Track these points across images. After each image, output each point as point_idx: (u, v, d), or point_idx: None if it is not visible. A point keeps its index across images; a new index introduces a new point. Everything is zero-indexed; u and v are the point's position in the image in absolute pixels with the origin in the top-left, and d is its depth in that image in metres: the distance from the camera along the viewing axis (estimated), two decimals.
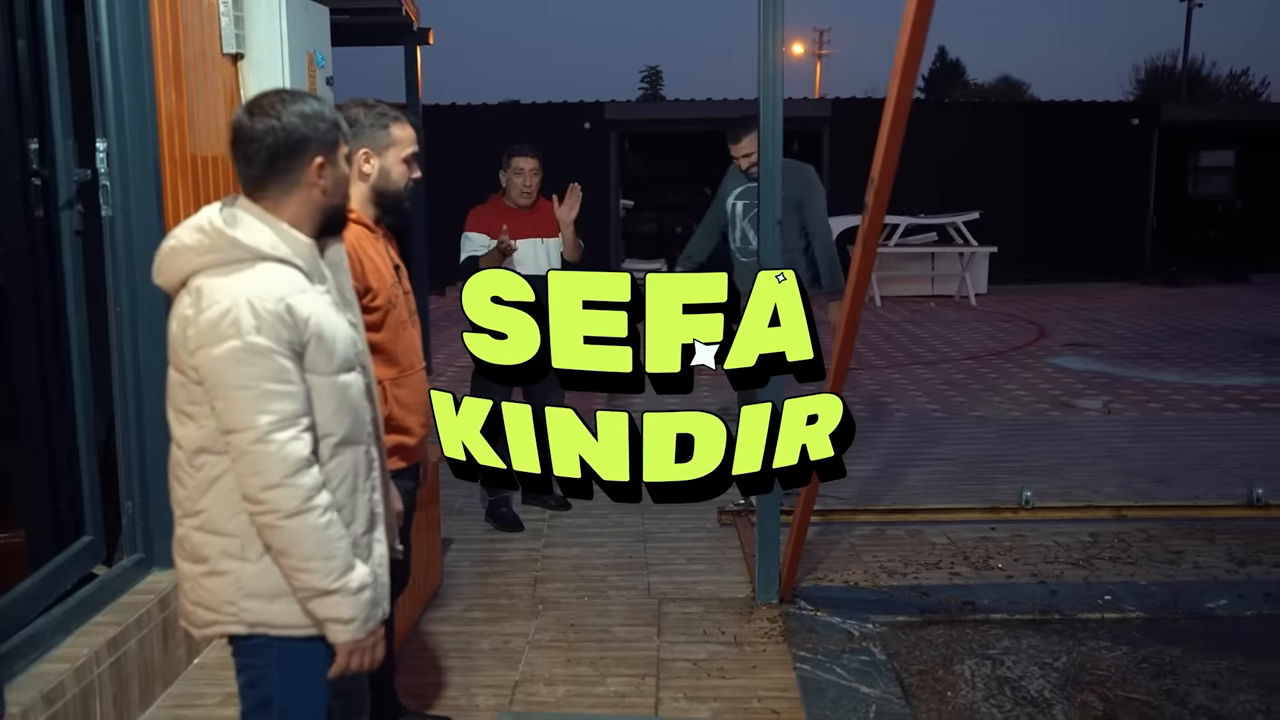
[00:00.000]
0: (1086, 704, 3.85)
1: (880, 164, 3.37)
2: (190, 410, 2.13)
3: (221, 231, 2.10)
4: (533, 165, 5.41)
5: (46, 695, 2.81)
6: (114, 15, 3.41)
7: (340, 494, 2.20)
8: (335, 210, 2.26)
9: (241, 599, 2.16)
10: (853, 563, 5.18)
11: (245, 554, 2.14)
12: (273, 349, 2.04)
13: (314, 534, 2.09)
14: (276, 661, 2.23)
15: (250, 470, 2.05)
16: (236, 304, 2.04)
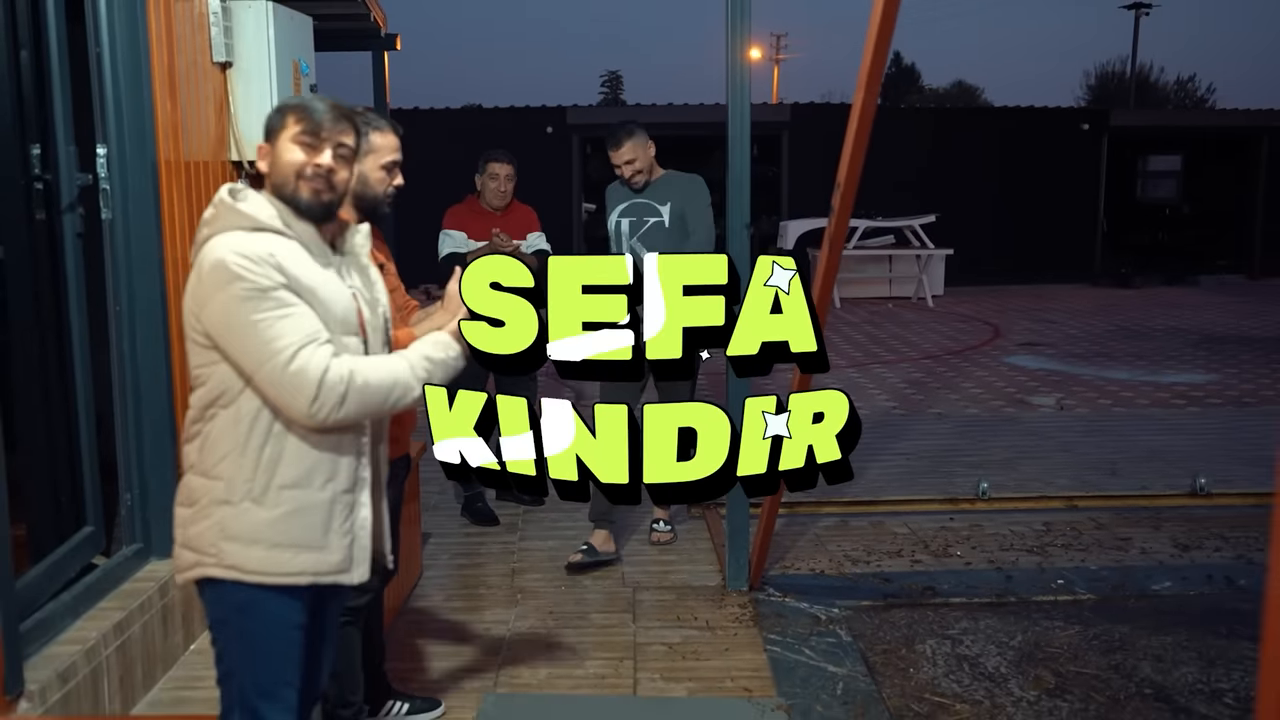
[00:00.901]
0: (1040, 678, 4.07)
1: (845, 169, 3.58)
2: (200, 373, 2.33)
3: (225, 202, 2.33)
4: (507, 171, 5.61)
5: (61, 674, 2.95)
6: (114, 27, 3.55)
7: (323, 449, 2.34)
8: (277, 191, 2.36)
9: (222, 541, 2.31)
10: (818, 552, 5.39)
11: (230, 497, 2.30)
12: (269, 286, 2.22)
13: (370, 393, 2.31)
14: (245, 605, 2.35)
15: (289, 398, 2.23)
16: (228, 254, 2.23)
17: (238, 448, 2.30)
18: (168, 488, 3.79)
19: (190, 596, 3.89)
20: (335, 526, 2.38)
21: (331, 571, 2.39)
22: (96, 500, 3.59)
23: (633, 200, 5.06)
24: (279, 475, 2.31)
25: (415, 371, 2.41)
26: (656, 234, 4.99)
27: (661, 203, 5.03)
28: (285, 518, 2.32)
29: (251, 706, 2.39)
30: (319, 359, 2.24)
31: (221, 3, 4.15)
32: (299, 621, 2.40)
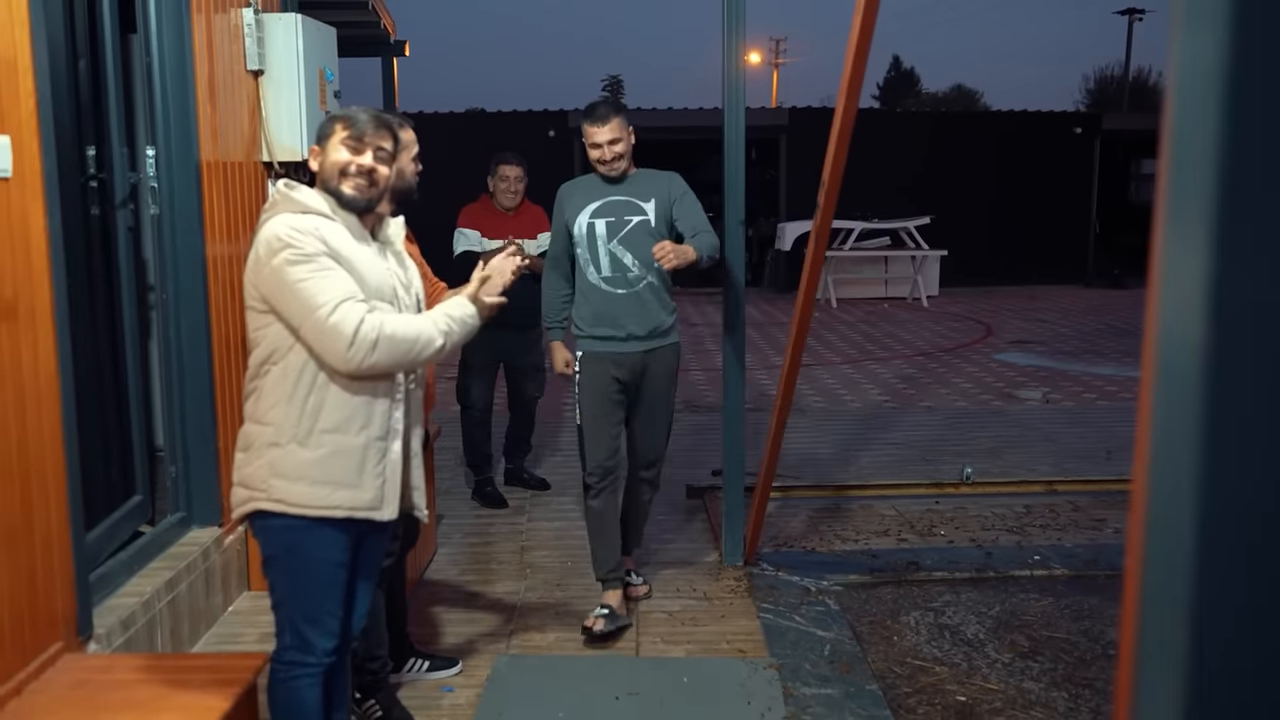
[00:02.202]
0: (1015, 642, 4.39)
1: (830, 167, 3.90)
2: (256, 335, 2.69)
3: (282, 192, 2.72)
4: (517, 172, 5.91)
5: (123, 622, 3.27)
6: (163, 38, 3.87)
7: (357, 399, 2.67)
8: (325, 186, 2.73)
9: (271, 478, 2.65)
10: (810, 532, 5.71)
11: (278, 439, 2.65)
12: (314, 252, 2.58)
13: (397, 343, 2.62)
14: (293, 545, 2.70)
15: (329, 345, 2.57)
16: (281, 227, 2.60)
17: (285, 397, 2.64)
18: (208, 462, 4.13)
19: (229, 560, 4.22)
20: (369, 468, 2.71)
21: (365, 508, 2.72)
22: (144, 473, 3.90)
23: (608, 198, 4.30)
24: (321, 421, 2.64)
25: (437, 325, 2.73)
26: (641, 235, 4.28)
27: (644, 199, 4.30)
28: (326, 458, 2.65)
29: (298, 629, 2.74)
30: (355, 312, 2.56)
31: (255, 15, 4.47)
32: (340, 559, 2.74)
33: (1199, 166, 0.76)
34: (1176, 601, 0.83)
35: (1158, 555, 0.86)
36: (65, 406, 3.02)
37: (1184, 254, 0.79)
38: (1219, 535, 0.80)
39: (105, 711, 2.68)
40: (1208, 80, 0.75)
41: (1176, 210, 0.81)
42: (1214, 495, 0.80)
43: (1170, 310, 0.81)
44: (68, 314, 3.09)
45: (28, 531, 2.84)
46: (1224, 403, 0.78)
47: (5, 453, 2.74)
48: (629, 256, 4.28)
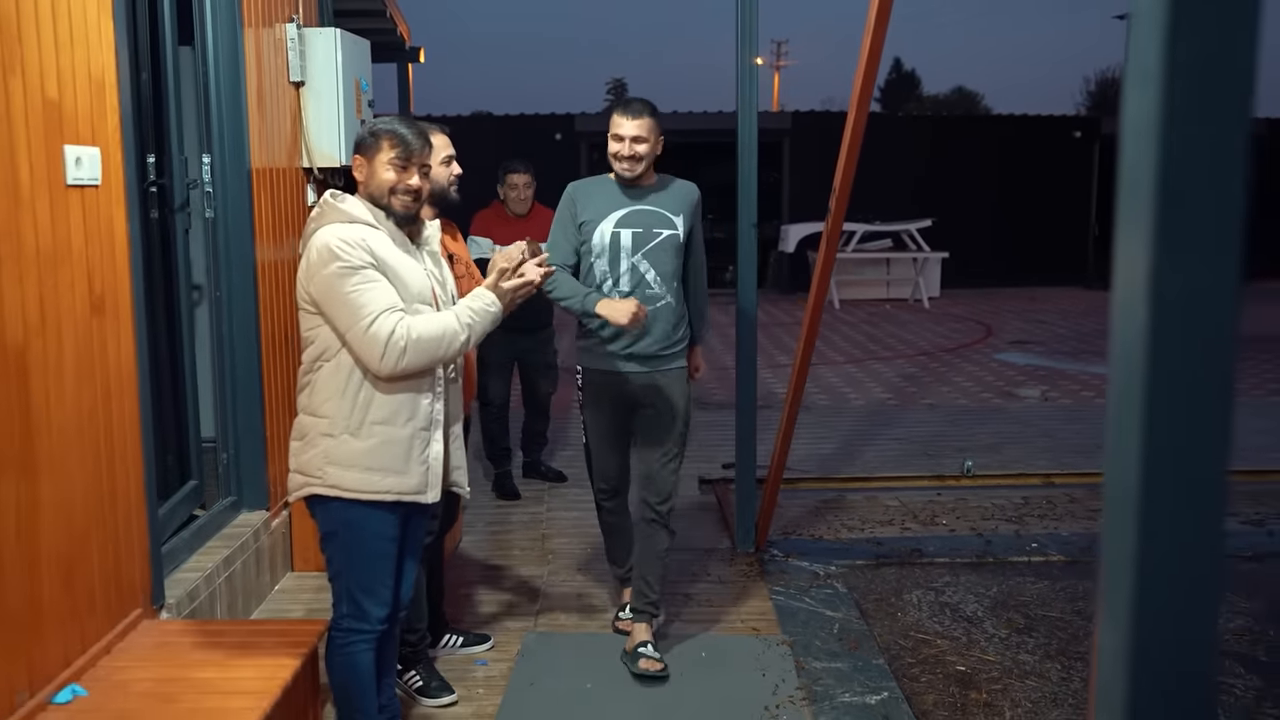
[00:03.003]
0: (1011, 620, 4.66)
1: (841, 173, 4.18)
2: (309, 335, 2.96)
3: (329, 203, 2.97)
4: (525, 180, 6.17)
5: (189, 594, 3.56)
6: (219, 52, 4.15)
7: (405, 392, 2.92)
8: (370, 198, 2.98)
9: (326, 465, 2.93)
10: (818, 521, 5.98)
11: (332, 431, 2.92)
12: (360, 265, 2.83)
13: (424, 343, 2.86)
14: (346, 522, 2.97)
15: (368, 352, 2.84)
16: (332, 239, 2.86)
17: (338, 392, 2.91)
18: (257, 450, 4.41)
19: (276, 542, 4.50)
20: (414, 456, 2.97)
21: (411, 492, 2.98)
22: (199, 460, 4.18)
23: (635, 206, 4.02)
24: (371, 414, 2.91)
25: (460, 319, 2.95)
26: (668, 252, 4.04)
27: (674, 212, 4.07)
28: (376, 448, 2.91)
29: (355, 599, 3.02)
30: (388, 324, 2.81)
31: (298, 29, 4.75)
32: (391, 534, 3.01)
33: (1143, 187, 1.05)
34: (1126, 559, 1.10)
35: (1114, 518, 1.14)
36: (142, 396, 3.30)
37: (1133, 253, 1.08)
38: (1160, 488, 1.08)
39: (189, 668, 2.96)
40: (1150, 124, 1.04)
41: (1128, 221, 1.09)
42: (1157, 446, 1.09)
43: (1124, 295, 1.10)
44: (145, 311, 3.37)
45: (113, 508, 3.12)
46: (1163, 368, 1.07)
47: (94, 437, 3.02)
48: (651, 272, 4.01)
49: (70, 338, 2.90)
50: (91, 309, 3.02)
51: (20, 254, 2.66)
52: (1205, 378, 1.08)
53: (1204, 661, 1.08)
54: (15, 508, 2.62)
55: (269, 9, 4.54)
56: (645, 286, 4.02)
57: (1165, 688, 1.09)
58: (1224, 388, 1.06)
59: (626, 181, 4.05)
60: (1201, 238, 1.06)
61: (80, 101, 2.96)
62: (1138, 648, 1.10)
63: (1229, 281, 1.04)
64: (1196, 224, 1.05)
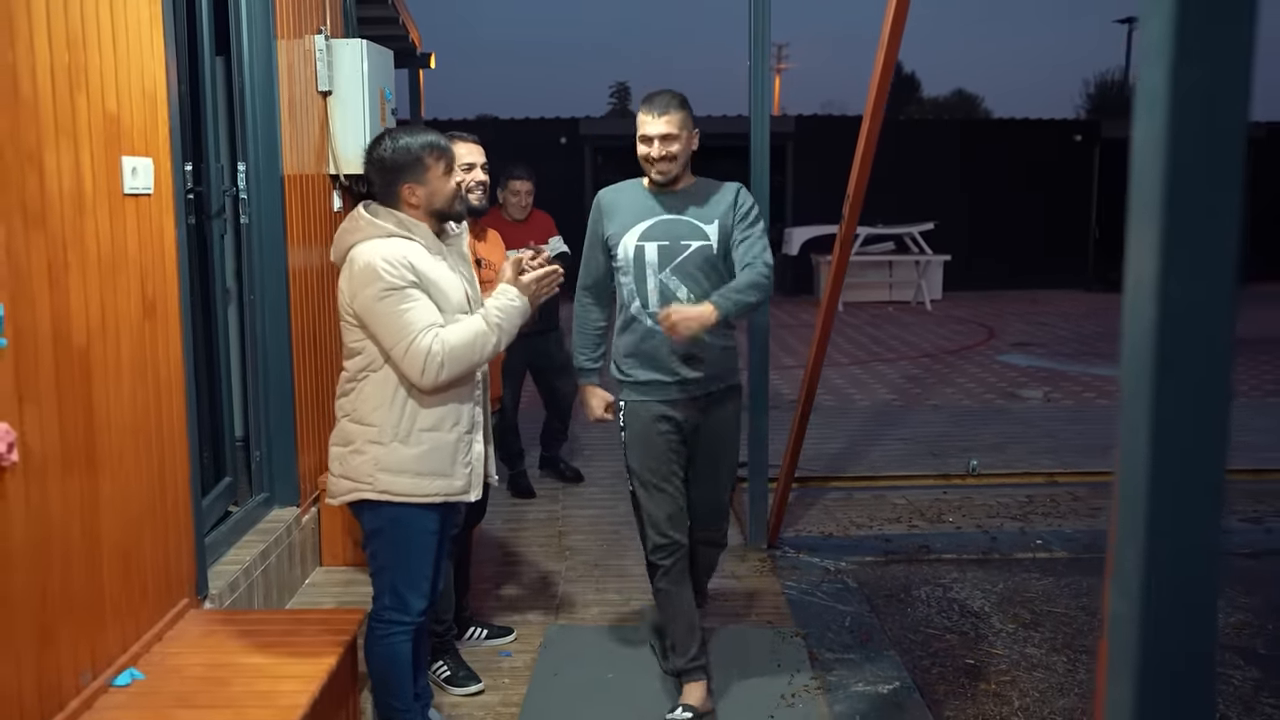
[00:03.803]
0: (1018, 615, 4.81)
1: (855, 179, 4.32)
2: (353, 346, 3.08)
3: (365, 217, 3.06)
4: (526, 186, 6.27)
5: (230, 585, 3.71)
6: (254, 63, 4.30)
7: (450, 401, 3.06)
8: (439, 212, 3.13)
9: (377, 472, 3.05)
10: (827, 519, 6.13)
11: (381, 439, 3.04)
12: (402, 285, 2.95)
13: (460, 351, 2.98)
14: (393, 519, 3.10)
15: (411, 369, 2.97)
16: (374, 259, 2.96)
17: (387, 401, 3.03)
18: (288, 448, 4.55)
19: (306, 538, 4.64)
20: (459, 459, 3.12)
21: (458, 493, 3.14)
22: (233, 457, 4.33)
23: (660, 216, 3.64)
24: (419, 421, 3.04)
25: (489, 320, 3.06)
26: (699, 264, 3.63)
27: (707, 220, 3.64)
28: (426, 454, 3.05)
29: (398, 592, 3.16)
30: (425, 341, 2.93)
31: (326, 40, 4.90)
32: (435, 529, 3.17)
33: (1151, 203, 1.20)
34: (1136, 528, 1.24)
35: (1125, 490, 1.29)
36: (189, 394, 3.45)
37: (1142, 262, 1.23)
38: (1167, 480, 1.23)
39: (237, 655, 3.11)
40: (1157, 148, 1.20)
41: (1138, 233, 1.25)
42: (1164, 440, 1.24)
43: (1135, 299, 1.25)
44: (190, 314, 3.52)
45: (163, 502, 3.27)
46: (1169, 366, 1.22)
47: (148, 434, 3.17)
48: (683, 289, 3.60)
49: (127, 339, 3.05)
50: (145, 312, 3.17)
51: (84, 261, 2.81)
52: (1207, 374, 1.23)
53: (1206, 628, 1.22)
54: (80, 502, 2.77)
55: (299, 20, 4.69)
56: (674, 304, 3.50)
57: (1169, 650, 1.22)
58: (1223, 383, 1.21)
59: (659, 186, 3.66)
60: (1203, 249, 1.21)
61: (135, 114, 3.11)
62: (1146, 615, 1.23)
63: (1228, 289, 1.19)
64: (1199, 236, 1.21)
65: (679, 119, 3.58)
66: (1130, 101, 1.53)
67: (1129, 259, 1.33)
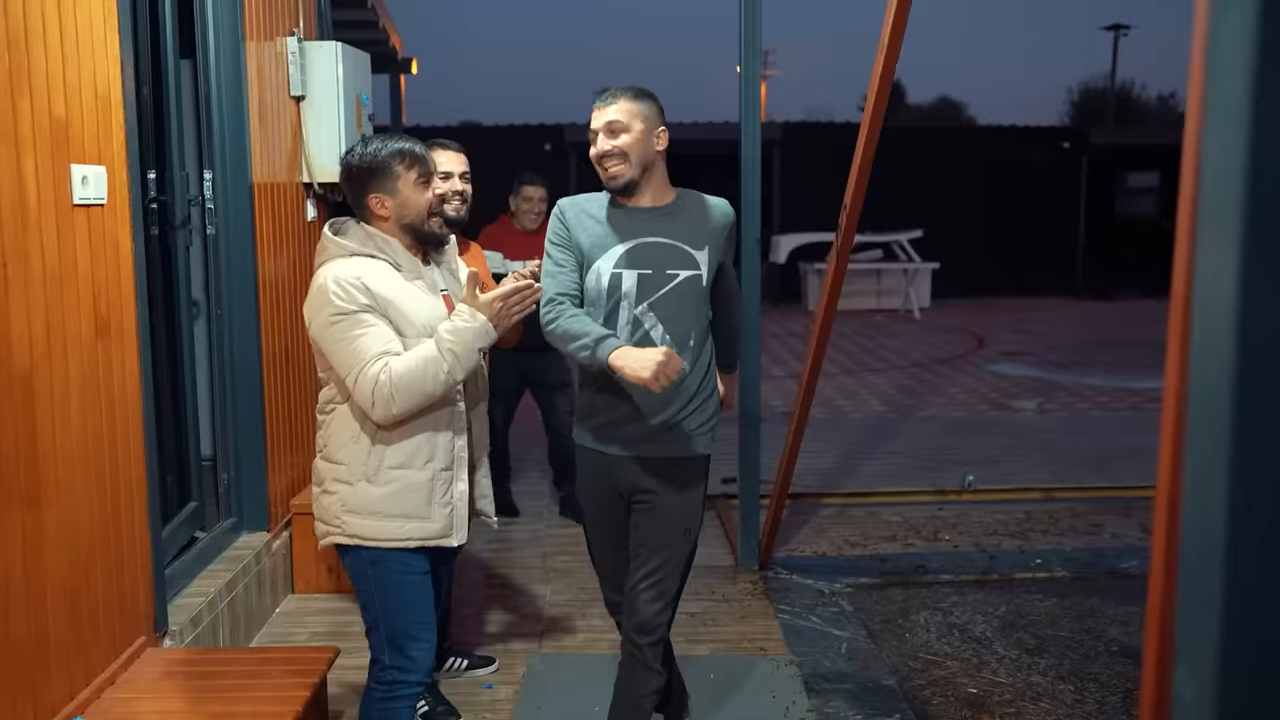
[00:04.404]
0: (1021, 640, 4.62)
1: (852, 188, 4.14)
2: (322, 376, 2.84)
3: (328, 236, 2.81)
4: (540, 194, 6.03)
5: (192, 620, 3.49)
6: (220, 66, 4.09)
7: (420, 433, 2.74)
8: (410, 227, 2.82)
9: (344, 514, 2.79)
10: (820, 538, 5.94)
11: (349, 478, 2.77)
12: (352, 309, 2.66)
13: (408, 380, 2.63)
14: (371, 566, 2.82)
15: (362, 401, 2.67)
16: (326, 281, 2.70)
17: (353, 437, 2.77)
18: (258, 470, 4.34)
19: (277, 564, 4.43)
20: (437, 499, 2.79)
21: (435, 537, 2.81)
22: (200, 480, 4.12)
23: (643, 239, 2.97)
24: (387, 458, 2.74)
25: (440, 344, 2.68)
26: (687, 301, 3.00)
27: (697, 245, 3.02)
28: (395, 494, 2.74)
29: (399, 645, 2.85)
30: (373, 371, 2.62)
31: (299, 43, 4.69)
32: (423, 570, 2.85)
33: (1227, 227, 1.00)
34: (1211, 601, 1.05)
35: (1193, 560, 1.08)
36: (146, 417, 3.24)
37: (1217, 293, 1.03)
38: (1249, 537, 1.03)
39: (196, 700, 2.89)
40: (1235, 163, 0.99)
41: (1210, 260, 1.05)
42: (1244, 499, 1.04)
43: (1204, 330, 1.05)
44: (148, 331, 3.30)
45: (117, 534, 3.05)
46: (1251, 408, 1.02)
47: (99, 462, 2.96)
48: (660, 328, 2.95)
49: (76, 361, 2.83)
50: (97, 331, 2.95)
51: (28, 277, 2.60)
52: None
53: None
54: (22, 539, 2.56)
55: (270, 22, 4.49)
56: (649, 345, 2.91)
57: None
58: None
59: (623, 197, 2.99)
60: None
61: (87, 119, 2.90)
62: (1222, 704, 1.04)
63: None
64: None
65: (632, 108, 2.96)
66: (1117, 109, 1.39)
67: (1197, 290, 1.11)
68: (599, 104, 3.02)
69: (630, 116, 2.97)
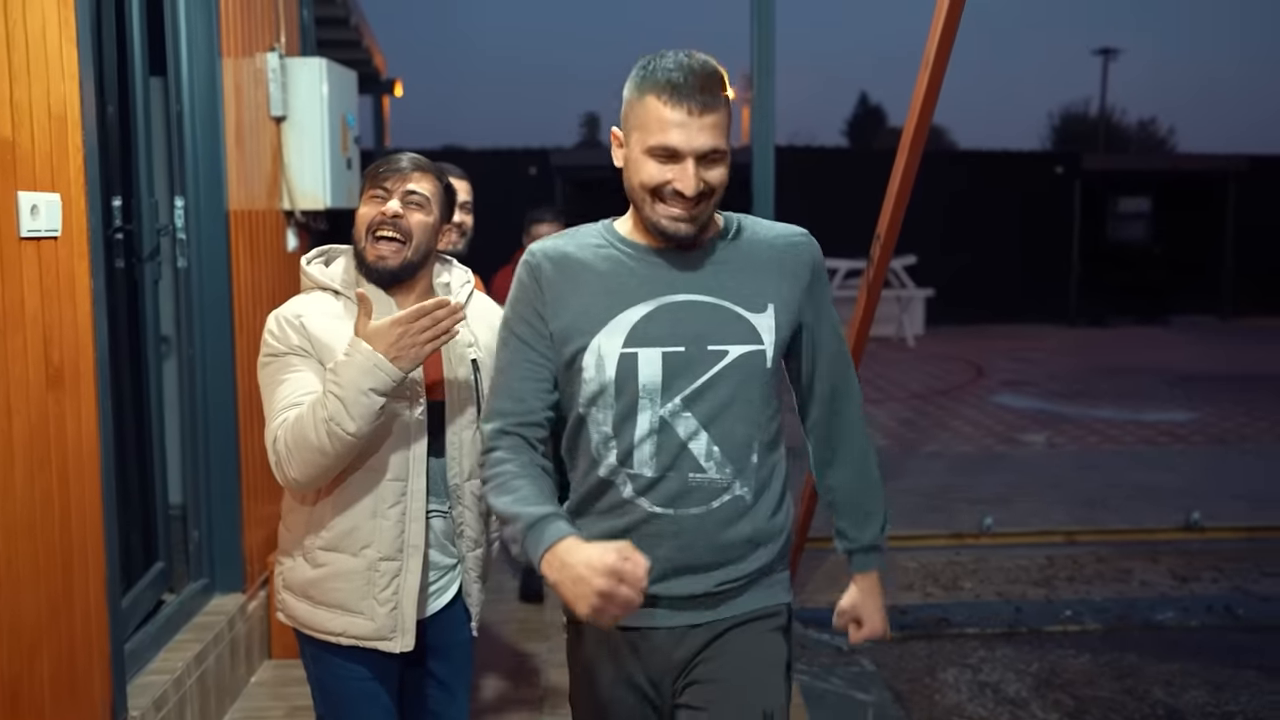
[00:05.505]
0: (1059, 702, 4.28)
1: (888, 219, 3.82)
2: None
3: (301, 265, 2.44)
4: (557, 231, 5.56)
5: (155, 702, 3.10)
6: (194, 84, 3.74)
7: (352, 507, 2.29)
8: (356, 252, 2.36)
9: (283, 590, 2.41)
10: (833, 586, 5.58)
11: (290, 549, 2.39)
12: (282, 351, 2.27)
13: (296, 432, 2.17)
14: (314, 657, 2.42)
15: (271, 460, 2.25)
16: (269, 321, 2.33)
17: (296, 505, 2.38)
18: (232, 525, 3.97)
19: (253, 628, 4.05)
20: (375, 593, 2.30)
21: (370, 637, 2.32)
22: (168, 535, 3.74)
23: (668, 297, 1.96)
24: (320, 536, 2.32)
25: (326, 388, 2.16)
26: (745, 389, 1.97)
27: (756, 303, 1.99)
28: (326, 578, 2.32)
29: None
30: (275, 425, 2.22)
31: (280, 59, 4.35)
32: (368, 676, 2.38)
33: None
34: None
35: None
36: (105, 475, 2.87)
37: None
38: None
39: None
40: None
41: None
42: None
43: None
44: (109, 377, 2.94)
45: (69, 612, 2.68)
46: None
47: (49, 532, 2.58)
48: (703, 437, 1.94)
49: (22, 417, 2.46)
50: (48, 381, 2.59)
51: None
52: None
53: None
54: None
55: (249, 37, 4.15)
56: (693, 466, 1.94)
57: None
58: None
59: (664, 241, 1.96)
60: None
61: (38, 141, 2.55)
62: None
63: None
64: None
65: (726, 122, 1.91)
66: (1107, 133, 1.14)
67: None
68: (688, 103, 1.84)
69: (727, 135, 1.92)
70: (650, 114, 1.86)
